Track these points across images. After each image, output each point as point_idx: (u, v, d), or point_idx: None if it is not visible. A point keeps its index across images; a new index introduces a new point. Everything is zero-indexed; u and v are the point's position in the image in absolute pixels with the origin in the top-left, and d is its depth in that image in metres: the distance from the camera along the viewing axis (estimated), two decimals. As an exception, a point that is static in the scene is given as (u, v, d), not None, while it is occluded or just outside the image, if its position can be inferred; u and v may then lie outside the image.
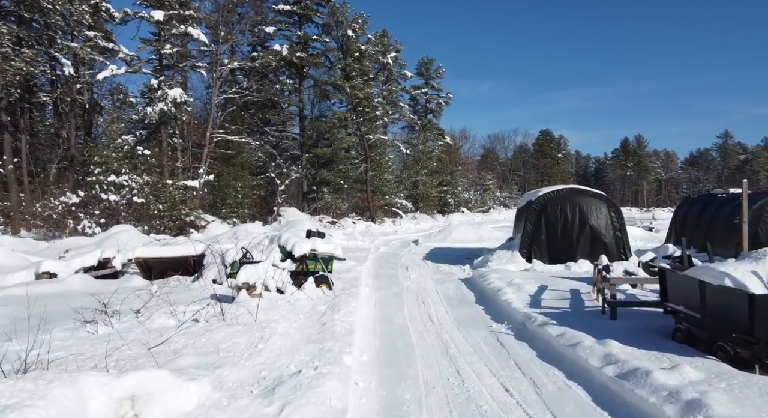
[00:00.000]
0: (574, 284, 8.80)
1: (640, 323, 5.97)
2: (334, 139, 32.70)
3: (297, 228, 21.37)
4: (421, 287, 9.99)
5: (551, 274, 10.18)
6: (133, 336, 5.12)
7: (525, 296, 7.85)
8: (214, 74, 26.32)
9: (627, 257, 11.37)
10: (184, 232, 19.46)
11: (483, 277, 9.83)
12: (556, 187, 12.00)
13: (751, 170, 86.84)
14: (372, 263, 13.90)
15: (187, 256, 8.75)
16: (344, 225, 29.62)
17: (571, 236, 11.53)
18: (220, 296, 6.80)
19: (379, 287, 9.91)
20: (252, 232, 16.09)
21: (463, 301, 8.53)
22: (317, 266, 8.53)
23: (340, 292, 8.26)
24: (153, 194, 19.59)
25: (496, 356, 5.46)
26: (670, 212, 48.80)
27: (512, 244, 12.70)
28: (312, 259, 8.47)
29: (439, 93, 46.89)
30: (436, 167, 44.01)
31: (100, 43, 23.95)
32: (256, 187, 29.97)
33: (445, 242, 20.21)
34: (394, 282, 10.59)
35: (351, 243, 20.10)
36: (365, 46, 32.25)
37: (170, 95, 19.91)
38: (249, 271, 6.43)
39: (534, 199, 12.00)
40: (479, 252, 16.27)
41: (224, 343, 4.73)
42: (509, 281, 9.01)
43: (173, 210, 19.22)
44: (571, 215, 11.60)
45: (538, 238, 11.77)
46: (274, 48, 29.69)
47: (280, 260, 8.23)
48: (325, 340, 5.15)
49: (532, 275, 9.85)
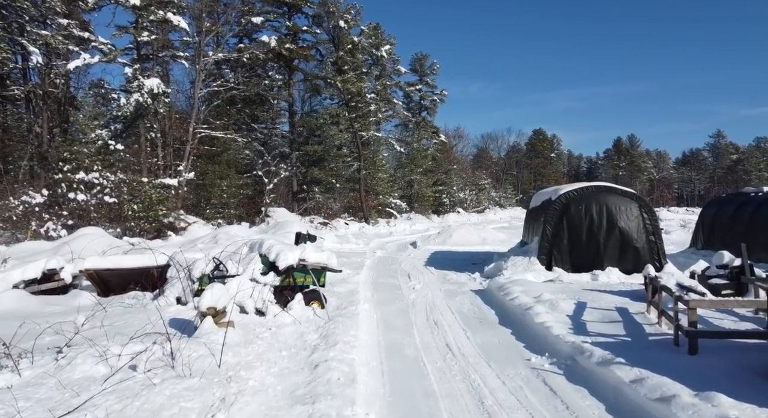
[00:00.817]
0: (615, 300, 7.37)
1: (732, 361, 4.53)
2: (326, 136, 31.10)
3: (285, 230, 19.78)
4: (429, 301, 8.50)
5: (582, 286, 8.73)
6: (40, 394, 3.57)
7: (562, 317, 6.40)
8: (197, 66, 24.63)
9: (661, 265, 9.99)
10: (162, 234, 17.79)
11: (503, 290, 8.37)
12: (580, 185, 10.58)
13: (744, 170, 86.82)
14: (369, 270, 12.39)
15: (147, 267, 7.19)
16: (336, 226, 28.06)
17: (598, 240, 10.12)
18: (181, 323, 5.26)
19: (381, 302, 8.40)
20: (235, 235, 14.49)
21: (484, 321, 7.05)
22: (307, 279, 7.01)
23: (335, 311, 6.75)
24: (129, 194, 17.86)
25: (552, 412, 3.99)
26: (673, 212, 47.94)
27: (528, 249, 11.25)
28: (301, 271, 6.95)
29: (433, 90, 45.52)
30: (431, 166, 42.58)
31: (75, 32, 22.14)
32: (243, 186, 28.27)
33: (445, 244, 18.76)
34: (397, 295, 9.09)
35: (344, 246, 18.58)
36: (358, 38, 30.71)
37: (147, 85, 18.19)
38: (216, 291, 4.91)
39: (554, 198, 10.56)
40: (486, 257, 14.85)
41: (166, 411, 3.20)
42: (537, 295, 7.55)
43: (149, 211, 17.53)
44: (598, 216, 10.18)
45: (560, 242, 10.33)
46: (262, 39, 28.03)
47: (261, 272, 6.70)
48: (318, 397, 3.64)
49: (561, 288, 8.40)
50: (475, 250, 17.47)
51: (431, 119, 45.74)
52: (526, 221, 13.65)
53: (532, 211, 12.66)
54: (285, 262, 6.50)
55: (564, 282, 9.12)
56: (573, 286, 8.68)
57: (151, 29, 21.66)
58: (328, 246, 18.22)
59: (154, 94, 18.36)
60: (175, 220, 19.01)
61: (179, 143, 25.42)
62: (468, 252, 16.70)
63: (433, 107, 45.57)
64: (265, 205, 26.86)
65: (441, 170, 44.78)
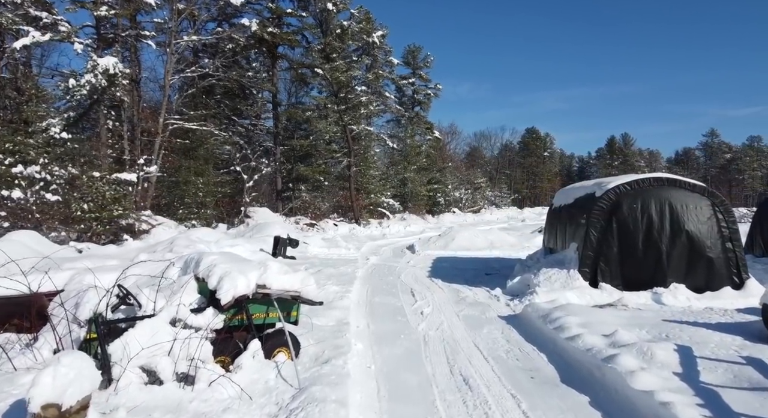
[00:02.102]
0: (725, 341, 5.03)
1: None
2: (313, 129, 28.57)
3: (265, 233, 17.27)
4: (447, 334, 6.13)
5: (656, 313, 6.39)
6: None
7: (672, 379, 4.04)
8: (168, 49, 22.00)
9: (742, 281, 7.73)
10: (118, 239, 15.20)
11: (549, 319, 6.01)
12: (633, 177, 8.26)
13: (737, 169, 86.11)
14: (362, 283, 9.98)
15: (25, 296, 4.74)
16: (325, 228, 25.57)
17: (659, 249, 7.82)
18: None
19: (380, 338, 6.00)
20: (199, 239, 12.01)
21: (538, 377, 4.67)
22: (271, 314, 4.59)
23: (313, 368, 4.34)
24: (79, 191, 15.23)
25: None
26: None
27: (562, 258, 8.91)
28: (261, 302, 4.53)
29: (427, 84, 43.15)
30: (425, 164, 40.23)
31: (31, 11, 19.38)
32: (222, 184, 25.68)
33: (447, 249, 16.40)
34: (401, 324, 6.70)
35: (332, 251, 16.13)
36: (348, 22, 28.24)
37: (101, 64, 15.55)
38: (68, 371, 2.48)
39: (600, 193, 8.25)
40: (500, 265, 12.54)
41: None
42: (607, 332, 5.20)
43: (103, 211, 14.92)
44: (658, 217, 7.89)
45: (608, 250, 8.02)
46: (242, 23, 25.41)
47: (196, 307, 4.26)
48: None
49: (632, 318, 6.05)
50: (482, 255, 15.15)
51: (425, 114, 43.40)
52: (549, 222, 11.34)
53: (561, 210, 10.34)
54: (231, 291, 4.07)
55: (629, 307, 6.79)
56: (646, 314, 6.33)
57: (112, 4, 19.01)
58: (314, 251, 15.76)
59: (110, 75, 15.72)
60: (135, 221, 16.41)
61: (150, 136, 22.79)
62: (476, 258, 14.37)
63: (426, 102, 43.22)
64: (245, 205, 24.31)
65: (435, 168, 42.48)
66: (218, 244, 12.12)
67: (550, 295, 7.76)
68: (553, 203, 11.42)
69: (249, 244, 13.51)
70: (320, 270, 11.17)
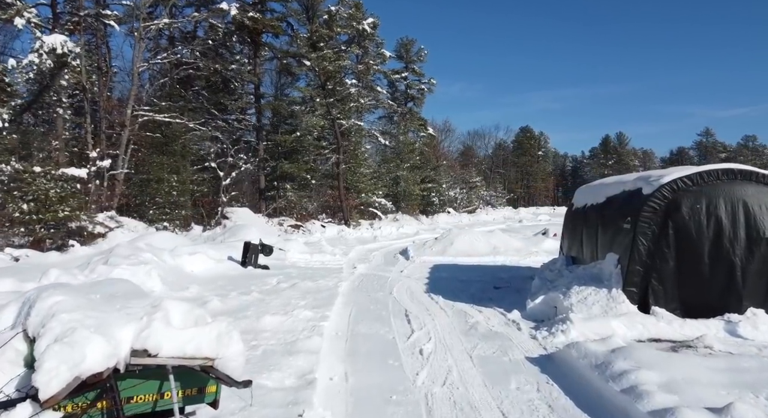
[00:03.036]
0: None
1: None
2: (299, 124, 26.52)
3: (238, 237, 15.20)
4: (460, 397, 4.19)
5: (764, 363, 4.48)
6: None
7: None
8: (136, 33, 19.91)
9: (841, 304, 5.90)
10: (63, 244, 13.11)
11: (613, 376, 4.08)
12: (694, 169, 6.37)
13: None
14: (344, 304, 8.01)
15: None
16: (311, 229, 23.58)
17: (731, 263, 5.96)
18: None
19: (360, 404, 4.06)
20: (149, 246, 9.97)
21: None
22: (165, 394, 2.63)
23: None
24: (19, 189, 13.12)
25: None
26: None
27: (598, 273, 7.01)
28: (145, 376, 2.57)
29: (420, 79, 41.19)
30: (419, 162, 38.29)
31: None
32: (200, 182, 23.60)
33: (446, 254, 14.48)
34: (393, 375, 4.74)
35: (315, 258, 14.14)
36: (336, 7, 26.24)
37: (47, 43, 13.44)
38: None
39: (650, 190, 6.35)
40: (510, 275, 10.65)
41: None
42: (721, 409, 3.31)
43: (47, 212, 12.83)
44: (730, 221, 6.03)
45: (663, 265, 6.14)
46: (220, 7, 23.30)
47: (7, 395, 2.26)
48: None
49: (733, 370, 4.13)
50: (486, 263, 13.27)
51: (418, 110, 41.48)
52: (571, 225, 9.46)
53: (587, 211, 8.46)
54: (65, 372, 2.12)
55: (715, 350, 4.88)
56: (746, 363, 4.36)
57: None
58: (294, 258, 13.74)
59: (58, 56, 13.61)
60: (89, 223, 14.32)
61: (118, 129, 20.67)
62: (479, 267, 12.48)
63: (420, 97, 41.28)
64: (222, 205, 22.23)
65: (429, 166, 40.55)
66: (174, 252, 10.10)
67: (589, 324, 5.86)
68: (575, 203, 9.55)
69: (215, 251, 11.50)
70: (295, 284, 9.20)
